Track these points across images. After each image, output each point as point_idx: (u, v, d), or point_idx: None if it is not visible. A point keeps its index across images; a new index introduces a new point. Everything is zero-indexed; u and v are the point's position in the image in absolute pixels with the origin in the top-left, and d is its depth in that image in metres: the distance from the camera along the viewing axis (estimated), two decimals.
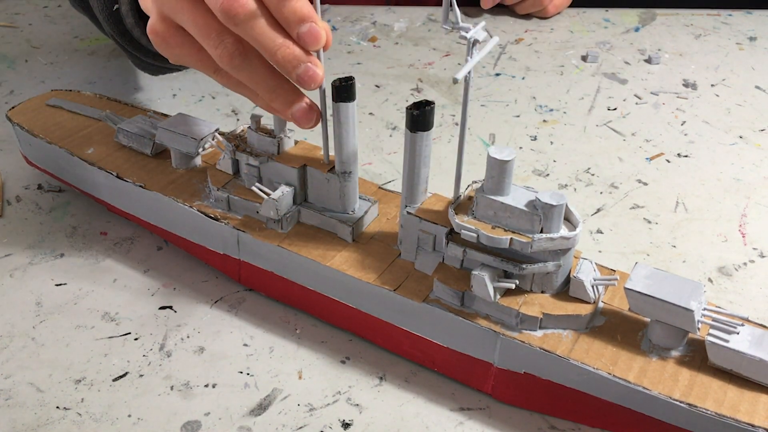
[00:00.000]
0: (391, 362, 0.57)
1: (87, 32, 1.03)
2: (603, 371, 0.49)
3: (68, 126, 0.71)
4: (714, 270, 0.66)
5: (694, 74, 0.97)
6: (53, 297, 0.62)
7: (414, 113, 0.51)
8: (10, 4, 1.11)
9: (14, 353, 0.57)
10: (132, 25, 0.71)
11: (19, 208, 0.71)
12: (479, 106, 0.89)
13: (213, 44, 0.52)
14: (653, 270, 0.51)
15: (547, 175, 0.78)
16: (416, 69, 0.97)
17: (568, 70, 0.98)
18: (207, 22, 0.52)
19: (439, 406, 0.54)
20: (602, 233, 0.70)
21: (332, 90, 0.54)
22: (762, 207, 0.74)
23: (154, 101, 0.88)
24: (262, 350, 0.58)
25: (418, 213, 0.55)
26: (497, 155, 0.49)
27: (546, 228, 0.50)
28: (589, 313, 0.52)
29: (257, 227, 0.59)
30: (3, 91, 0.90)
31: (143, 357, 0.57)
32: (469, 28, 0.47)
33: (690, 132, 0.86)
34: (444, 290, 0.53)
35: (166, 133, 0.64)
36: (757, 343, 0.48)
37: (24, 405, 0.53)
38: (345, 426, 0.52)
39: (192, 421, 0.52)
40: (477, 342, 0.53)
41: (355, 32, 1.06)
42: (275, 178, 0.59)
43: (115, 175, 0.65)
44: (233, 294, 0.63)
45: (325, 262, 0.57)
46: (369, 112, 0.88)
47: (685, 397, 0.48)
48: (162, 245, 0.67)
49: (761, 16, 1.14)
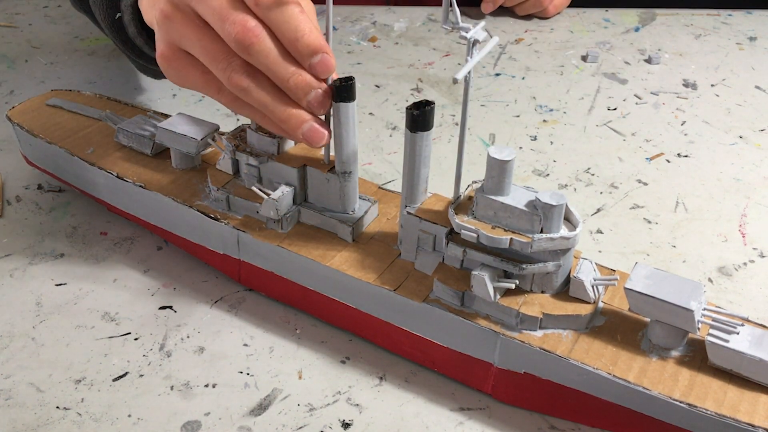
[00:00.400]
0: (391, 362, 0.57)
1: (87, 32, 1.03)
2: (603, 371, 0.49)
3: (68, 126, 0.71)
4: (714, 270, 0.66)
5: (694, 74, 0.97)
6: (53, 297, 0.62)
7: (414, 113, 0.51)
8: (10, 4, 1.11)
9: (14, 353, 0.57)
10: (134, 34, 0.71)
11: (19, 208, 0.71)
12: (479, 106, 0.89)
13: (221, 67, 0.52)
14: (653, 270, 0.51)
15: (547, 175, 0.78)
16: (416, 69, 0.97)
17: (568, 70, 0.98)
18: (215, 47, 0.53)
19: (439, 406, 0.54)
20: (602, 233, 0.70)
21: (332, 90, 0.54)
22: (762, 207, 0.74)
23: (154, 101, 0.88)
24: (262, 350, 0.58)
25: (418, 213, 0.55)
26: (497, 155, 0.49)
27: (546, 228, 0.50)
28: (589, 313, 0.52)
29: (257, 227, 0.59)
30: (3, 91, 0.90)
31: (143, 357, 0.57)
32: (469, 28, 0.47)
33: (690, 132, 0.86)
34: (444, 290, 0.53)
35: (166, 133, 0.64)
36: (757, 343, 0.48)
37: (24, 405, 0.53)
38: (345, 426, 0.52)
39: (192, 421, 0.52)
40: (477, 342, 0.53)
41: (355, 32, 1.06)
42: (275, 178, 0.59)
43: (115, 175, 0.65)
44: (233, 294, 0.63)
45: (325, 262, 0.57)
46: (369, 112, 0.88)
47: (685, 397, 0.48)
48: (162, 245, 0.67)
49: (761, 16, 1.14)
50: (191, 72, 0.55)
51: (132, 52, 0.74)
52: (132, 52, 0.74)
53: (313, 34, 0.51)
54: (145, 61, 0.76)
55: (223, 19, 0.51)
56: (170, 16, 0.54)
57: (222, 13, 0.51)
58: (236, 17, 0.51)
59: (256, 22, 0.51)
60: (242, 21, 0.51)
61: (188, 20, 0.53)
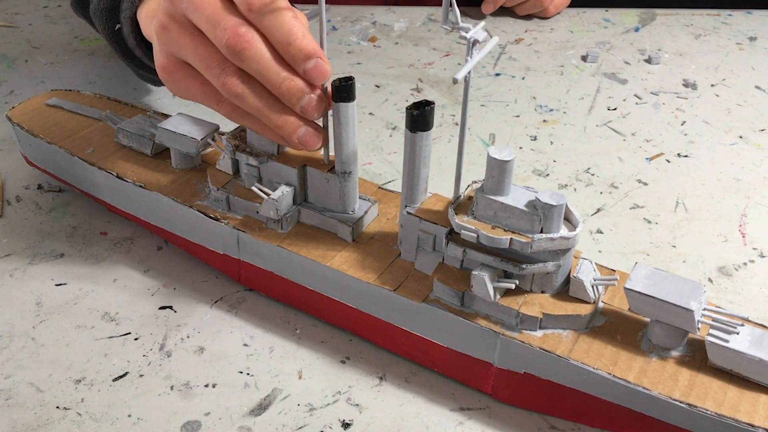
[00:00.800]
0: (391, 362, 0.57)
1: (87, 32, 1.03)
2: (603, 371, 0.49)
3: (68, 126, 0.71)
4: (714, 270, 0.66)
5: (694, 74, 0.97)
6: (53, 297, 0.62)
7: (414, 113, 0.51)
8: (10, 4, 1.11)
9: (14, 353, 0.57)
10: (134, 45, 0.72)
11: (19, 208, 0.71)
12: (479, 106, 0.89)
13: (215, 74, 0.53)
14: (653, 270, 0.51)
15: (547, 175, 0.78)
16: (416, 69, 0.97)
17: (568, 70, 0.98)
18: (209, 54, 0.53)
19: (439, 406, 0.54)
20: (602, 233, 0.70)
21: (332, 90, 0.54)
22: (762, 207, 0.74)
23: (154, 101, 0.88)
24: (262, 350, 0.58)
25: (418, 213, 0.55)
26: (497, 155, 0.49)
27: (546, 228, 0.50)
28: (589, 313, 0.52)
29: (257, 227, 0.60)
30: (3, 91, 0.90)
31: (143, 357, 0.57)
32: (469, 28, 0.47)
33: (690, 132, 0.86)
34: (444, 290, 0.53)
35: (166, 133, 0.64)
36: (757, 343, 0.48)
37: (24, 405, 0.53)
38: (345, 426, 0.52)
39: (192, 421, 0.52)
40: (477, 342, 0.53)
41: (355, 32, 1.06)
42: (275, 178, 0.59)
43: (115, 175, 0.65)
44: (233, 294, 0.63)
45: (325, 262, 0.57)
46: (369, 112, 0.88)
47: (685, 397, 0.48)
48: (162, 245, 0.67)
49: (761, 16, 1.14)
50: (191, 84, 0.55)
51: (132, 62, 0.75)
52: (132, 62, 0.75)
53: (306, 39, 0.51)
54: (145, 71, 0.77)
55: (215, 26, 0.51)
56: (167, 27, 0.54)
57: (214, 19, 0.51)
58: (228, 23, 0.51)
59: (247, 28, 0.51)
60: (233, 27, 0.51)
61: (184, 29, 0.54)
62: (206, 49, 0.53)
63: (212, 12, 0.51)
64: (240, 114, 0.55)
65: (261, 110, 0.53)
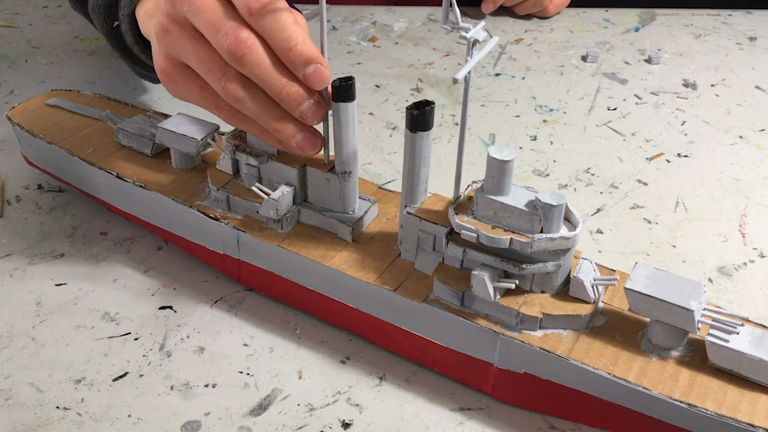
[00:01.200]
0: (391, 362, 0.57)
1: (87, 32, 1.03)
2: (603, 371, 0.49)
3: (68, 126, 0.71)
4: (714, 270, 0.66)
5: (694, 74, 0.97)
6: (53, 297, 0.62)
7: (414, 113, 0.51)
8: (10, 4, 1.11)
9: (14, 353, 0.57)
10: (132, 43, 0.72)
11: (19, 208, 0.71)
12: (479, 106, 0.89)
13: (216, 77, 0.53)
14: (653, 270, 0.51)
15: (547, 175, 0.78)
16: (416, 69, 0.97)
17: (568, 70, 0.98)
18: (210, 58, 0.53)
19: (439, 406, 0.54)
20: (602, 233, 0.70)
21: (332, 90, 0.54)
22: (762, 207, 0.74)
23: (154, 101, 0.88)
24: (262, 350, 0.58)
25: (418, 213, 0.55)
26: (497, 155, 0.49)
27: (546, 228, 0.50)
28: (589, 313, 0.52)
29: (257, 227, 0.60)
30: (3, 91, 0.90)
31: (143, 357, 0.57)
32: (469, 28, 0.47)
33: (690, 132, 0.86)
34: (444, 290, 0.53)
35: (166, 133, 0.64)
36: (757, 343, 0.48)
37: (24, 405, 0.53)
38: (345, 426, 0.52)
39: (192, 421, 0.52)
40: (477, 342, 0.53)
41: (355, 32, 1.06)
42: (275, 178, 0.59)
43: (115, 175, 0.65)
44: (233, 294, 0.63)
45: (325, 262, 0.57)
46: (369, 112, 0.88)
47: (685, 397, 0.48)
48: (162, 245, 0.67)
49: (761, 16, 1.14)
50: (191, 86, 0.56)
51: (130, 59, 0.75)
52: (130, 59, 0.75)
53: (306, 44, 0.51)
54: (143, 68, 0.77)
55: (216, 31, 0.51)
56: (168, 30, 0.54)
57: (216, 24, 0.51)
58: (229, 28, 0.51)
59: (249, 33, 0.51)
60: (235, 32, 0.51)
61: (185, 33, 0.54)
62: (207, 53, 0.53)
63: (213, 16, 0.52)
64: (239, 118, 0.55)
65: (260, 115, 0.53)
